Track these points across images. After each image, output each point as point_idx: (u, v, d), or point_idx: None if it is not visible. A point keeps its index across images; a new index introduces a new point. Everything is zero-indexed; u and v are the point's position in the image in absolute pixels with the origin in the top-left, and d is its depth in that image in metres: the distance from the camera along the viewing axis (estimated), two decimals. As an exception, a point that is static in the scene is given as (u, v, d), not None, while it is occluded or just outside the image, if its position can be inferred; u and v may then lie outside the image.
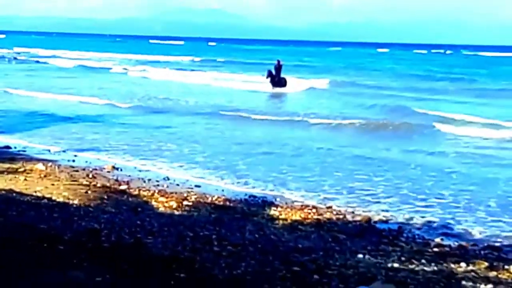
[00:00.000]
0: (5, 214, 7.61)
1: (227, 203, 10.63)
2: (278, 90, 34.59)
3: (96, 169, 13.12)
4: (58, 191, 9.83)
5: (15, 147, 15.33)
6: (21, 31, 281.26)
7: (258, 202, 10.87)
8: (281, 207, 10.53)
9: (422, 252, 8.12)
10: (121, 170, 13.29)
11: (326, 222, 9.70)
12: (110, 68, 52.95)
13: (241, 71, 48.40)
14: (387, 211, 10.77)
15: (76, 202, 9.08)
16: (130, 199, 10.14)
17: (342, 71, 54.08)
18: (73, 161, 14.00)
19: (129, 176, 12.65)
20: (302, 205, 10.72)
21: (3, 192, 9.25)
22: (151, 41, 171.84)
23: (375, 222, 10.12)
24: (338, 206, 10.89)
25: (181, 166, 13.94)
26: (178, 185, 12.09)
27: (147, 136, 17.89)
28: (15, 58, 61.25)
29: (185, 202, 10.28)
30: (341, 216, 10.25)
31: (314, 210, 10.45)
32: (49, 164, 13.02)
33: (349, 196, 11.68)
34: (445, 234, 9.47)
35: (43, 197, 9.11)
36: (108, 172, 13.03)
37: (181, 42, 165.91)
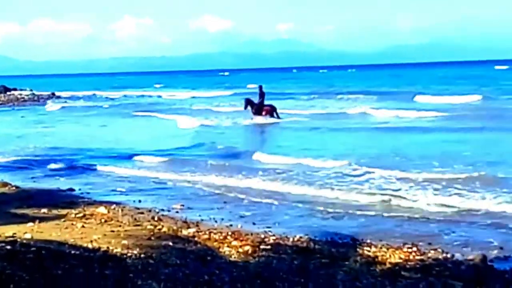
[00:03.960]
0: (50, 274, 6.36)
1: (311, 244, 9.08)
2: (262, 120, 29.86)
3: (163, 210, 11.94)
4: (117, 240, 8.56)
5: (79, 189, 14.36)
6: (96, 73, 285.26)
7: (348, 242, 9.28)
8: (375, 246, 8.91)
9: None
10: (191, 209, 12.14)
11: (432, 264, 8.01)
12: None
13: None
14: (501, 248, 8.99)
15: (135, 252, 7.75)
16: (198, 245, 8.75)
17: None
18: (139, 201, 12.87)
19: (200, 215, 11.40)
20: (401, 243, 9.06)
21: (55, 244, 8.04)
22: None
23: (491, 261, 8.37)
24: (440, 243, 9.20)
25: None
26: (254, 223, 10.79)
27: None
28: None
29: (262, 246, 8.80)
30: (449, 256, 8.53)
31: (415, 249, 8.79)
32: (113, 206, 11.89)
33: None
34: None
35: (99, 249, 7.84)
36: (177, 212, 11.84)
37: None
